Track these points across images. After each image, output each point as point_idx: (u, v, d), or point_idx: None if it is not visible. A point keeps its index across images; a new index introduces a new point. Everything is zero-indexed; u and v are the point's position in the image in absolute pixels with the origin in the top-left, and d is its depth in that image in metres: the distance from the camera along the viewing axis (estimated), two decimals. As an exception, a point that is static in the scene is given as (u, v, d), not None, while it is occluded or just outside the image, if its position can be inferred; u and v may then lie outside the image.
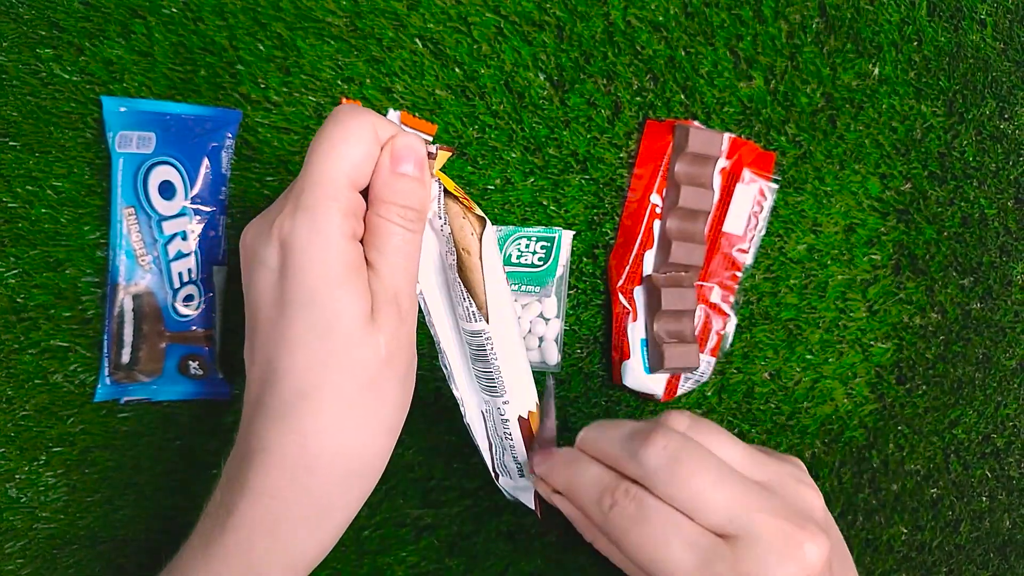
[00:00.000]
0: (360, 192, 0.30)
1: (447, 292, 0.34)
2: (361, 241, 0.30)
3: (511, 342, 0.34)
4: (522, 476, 0.38)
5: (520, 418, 0.36)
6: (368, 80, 0.46)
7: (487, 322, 0.32)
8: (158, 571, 0.33)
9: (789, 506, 0.29)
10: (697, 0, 0.48)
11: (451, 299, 0.34)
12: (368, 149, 0.29)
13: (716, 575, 0.27)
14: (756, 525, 0.28)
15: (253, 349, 0.30)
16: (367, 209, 0.30)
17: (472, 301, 0.32)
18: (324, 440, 0.28)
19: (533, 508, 0.38)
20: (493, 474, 0.39)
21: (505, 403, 0.35)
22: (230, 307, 0.46)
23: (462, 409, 0.37)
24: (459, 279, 0.32)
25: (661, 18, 0.48)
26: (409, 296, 0.30)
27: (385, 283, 0.29)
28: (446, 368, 0.36)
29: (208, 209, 0.44)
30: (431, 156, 0.31)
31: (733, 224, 0.48)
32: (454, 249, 0.32)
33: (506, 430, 0.36)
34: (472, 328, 0.33)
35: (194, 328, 0.44)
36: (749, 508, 0.28)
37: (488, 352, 0.34)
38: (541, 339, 0.46)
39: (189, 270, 0.44)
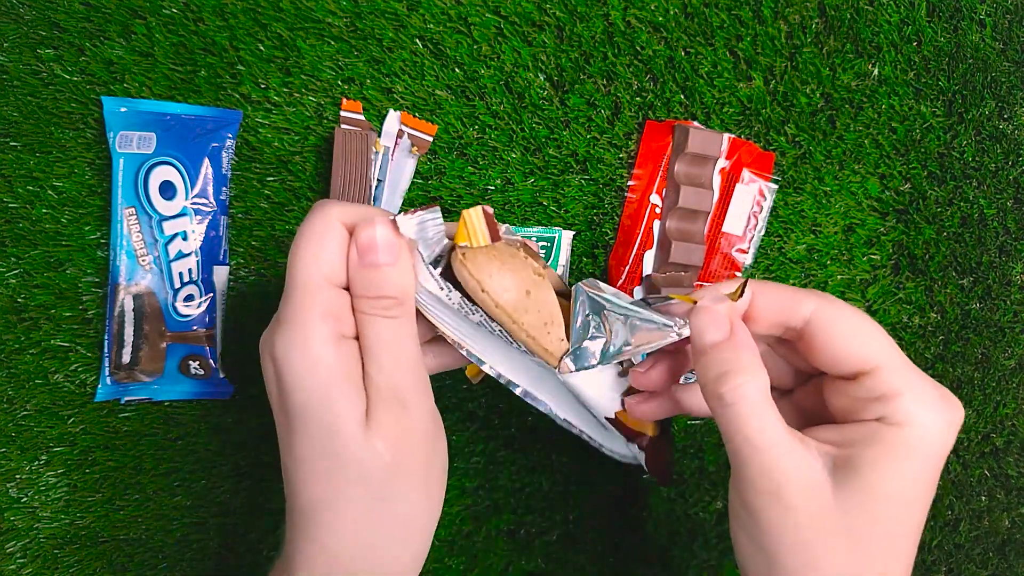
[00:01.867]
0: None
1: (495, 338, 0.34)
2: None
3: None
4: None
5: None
6: (368, 81, 0.46)
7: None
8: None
9: None
10: (697, 1, 0.48)
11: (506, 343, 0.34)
12: (338, 244, 0.28)
13: None
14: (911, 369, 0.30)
15: (281, 453, 0.30)
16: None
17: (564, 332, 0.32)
18: (344, 549, 0.28)
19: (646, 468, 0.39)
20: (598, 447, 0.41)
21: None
22: (231, 307, 0.46)
23: (557, 414, 0.38)
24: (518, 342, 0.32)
25: (661, 19, 0.48)
26: (415, 390, 0.29)
27: (378, 381, 0.28)
28: (541, 404, 0.37)
29: (209, 209, 0.44)
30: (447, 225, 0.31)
31: (732, 224, 0.49)
32: (479, 308, 0.31)
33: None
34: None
35: (195, 328, 0.44)
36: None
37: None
38: (541, 339, 0.47)
39: (190, 270, 0.44)
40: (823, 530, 0.28)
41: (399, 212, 0.32)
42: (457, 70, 0.47)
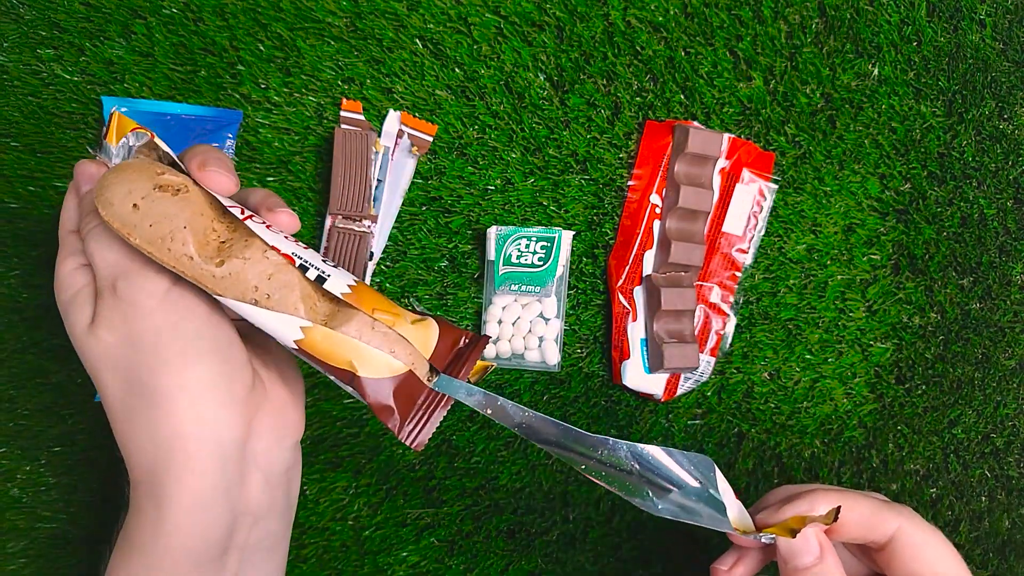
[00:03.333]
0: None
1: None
2: None
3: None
4: None
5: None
6: (368, 80, 0.46)
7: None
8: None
9: None
10: (697, 1, 0.48)
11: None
12: (74, 201, 0.34)
13: None
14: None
15: None
16: None
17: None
18: (119, 429, 0.31)
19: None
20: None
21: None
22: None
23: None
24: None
25: (661, 19, 0.48)
26: (124, 276, 0.31)
27: (97, 284, 0.32)
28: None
29: (209, 209, 0.44)
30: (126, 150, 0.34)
31: (732, 224, 0.49)
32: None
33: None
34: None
35: (195, 328, 0.44)
36: None
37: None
38: (541, 339, 0.47)
39: (190, 270, 0.44)
40: None
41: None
42: (457, 70, 0.47)
